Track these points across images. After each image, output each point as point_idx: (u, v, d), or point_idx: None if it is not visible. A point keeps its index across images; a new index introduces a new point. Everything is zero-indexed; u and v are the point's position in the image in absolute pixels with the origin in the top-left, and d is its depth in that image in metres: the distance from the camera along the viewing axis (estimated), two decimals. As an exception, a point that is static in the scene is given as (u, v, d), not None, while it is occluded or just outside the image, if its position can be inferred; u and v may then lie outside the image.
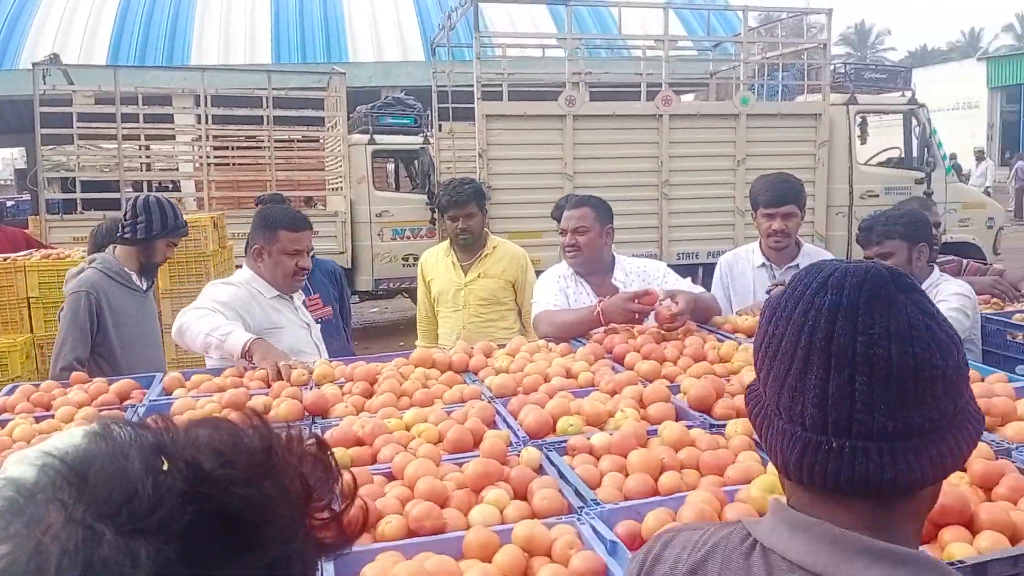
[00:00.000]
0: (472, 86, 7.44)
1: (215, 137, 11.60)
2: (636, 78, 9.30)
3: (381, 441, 2.01)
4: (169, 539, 0.57)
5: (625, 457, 1.87)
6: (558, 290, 3.37)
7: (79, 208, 10.54)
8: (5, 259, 6.86)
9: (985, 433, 1.94)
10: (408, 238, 10.33)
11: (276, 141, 10.88)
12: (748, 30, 8.99)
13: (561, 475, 1.81)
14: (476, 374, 2.66)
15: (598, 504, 1.65)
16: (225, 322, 2.86)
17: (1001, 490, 1.68)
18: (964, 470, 1.76)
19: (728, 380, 2.44)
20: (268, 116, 10.03)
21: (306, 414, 2.30)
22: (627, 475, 1.81)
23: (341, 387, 2.52)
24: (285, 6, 20.02)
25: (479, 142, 7.41)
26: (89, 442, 0.63)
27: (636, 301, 2.99)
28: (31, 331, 6.16)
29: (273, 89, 9.98)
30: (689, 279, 3.51)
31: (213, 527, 0.59)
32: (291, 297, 3.26)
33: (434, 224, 9.54)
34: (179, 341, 2.99)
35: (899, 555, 0.88)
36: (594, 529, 1.55)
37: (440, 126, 9.18)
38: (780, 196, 3.40)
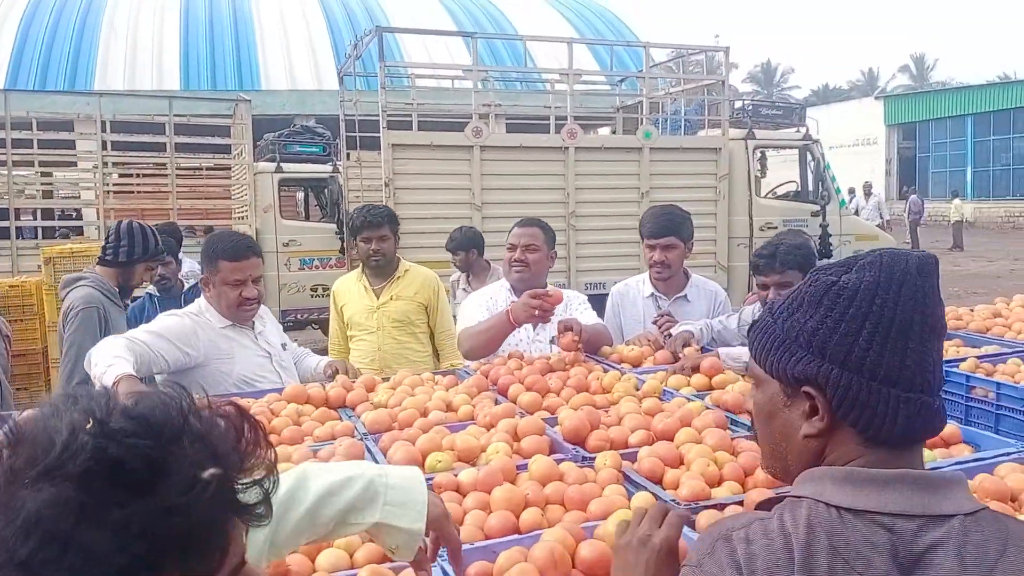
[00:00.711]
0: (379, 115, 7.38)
1: (116, 164, 11.21)
2: (545, 111, 9.42)
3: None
4: (70, 483, 0.70)
5: (490, 494, 1.82)
6: (486, 311, 3.39)
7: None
8: None
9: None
10: (317, 268, 10.14)
11: (183, 169, 10.59)
12: (651, 66, 9.20)
13: (423, 514, 1.75)
14: (353, 409, 2.58)
15: (454, 544, 1.60)
16: (113, 357, 2.67)
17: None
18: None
19: (607, 411, 2.43)
20: (170, 143, 9.75)
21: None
22: (491, 512, 1.76)
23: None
24: (195, 32, 19.63)
25: (385, 172, 7.35)
26: (39, 407, 0.78)
27: (540, 300, 3.02)
28: None
29: (175, 116, 9.71)
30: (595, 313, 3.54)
31: (108, 473, 0.71)
32: (252, 325, 3.15)
33: (343, 254, 9.40)
34: (87, 369, 2.83)
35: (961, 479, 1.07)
36: (444, 572, 1.49)
37: (348, 155, 9.08)
38: (660, 228, 3.45)
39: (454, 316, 3.96)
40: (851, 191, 20.76)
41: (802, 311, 1.12)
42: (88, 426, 0.72)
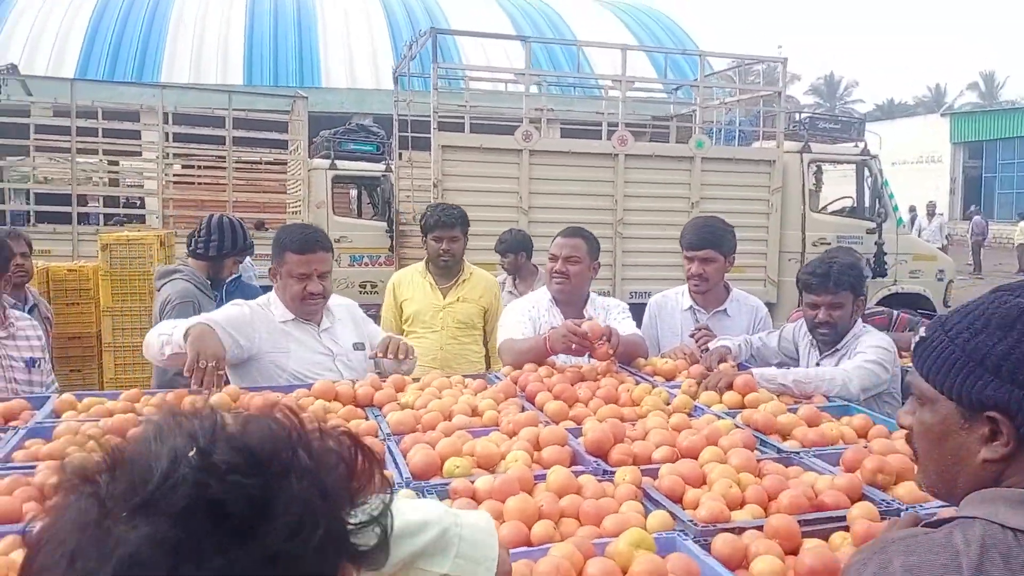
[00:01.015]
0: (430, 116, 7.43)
1: (177, 156, 11.48)
2: (598, 117, 9.38)
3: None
4: (167, 521, 0.63)
5: (504, 503, 1.80)
6: (527, 319, 3.37)
7: (31, 220, 10.35)
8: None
9: (875, 492, 1.91)
10: (366, 264, 10.26)
11: (242, 162, 10.79)
12: (707, 75, 9.09)
13: (435, 520, 1.74)
14: (380, 408, 2.58)
15: (463, 553, 1.58)
16: (173, 327, 2.74)
17: (879, 551, 1.63)
18: (847, 529, 1.73)
19: (633, 425, 2.39)
20: (229, 137, 9.95)
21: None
22: (503, 522, 1.74)
23: (237, 417, 2.43)
24: (259, 28, 20.00)
25: (434, 172, 7.39)
26: (142, 426, 0.72)
27: (576, 336, 2.94)
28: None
29: (234, 110, 9.91)
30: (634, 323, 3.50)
31: (207, 514, 0.64)
32: (318, 321, 3.08)
33: (392, 251, 9.49)
34: (145, 353, 2.90)
35: None
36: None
37: (400, 155, 9.15)
38: (699, 240, 3.40)
39: None
40: (912, 210, 20.24)
41: (987, 333, 1.09)
42: (191, 453, 0.67)
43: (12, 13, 18.27)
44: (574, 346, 2.93)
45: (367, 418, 2.48)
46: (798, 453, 2.19)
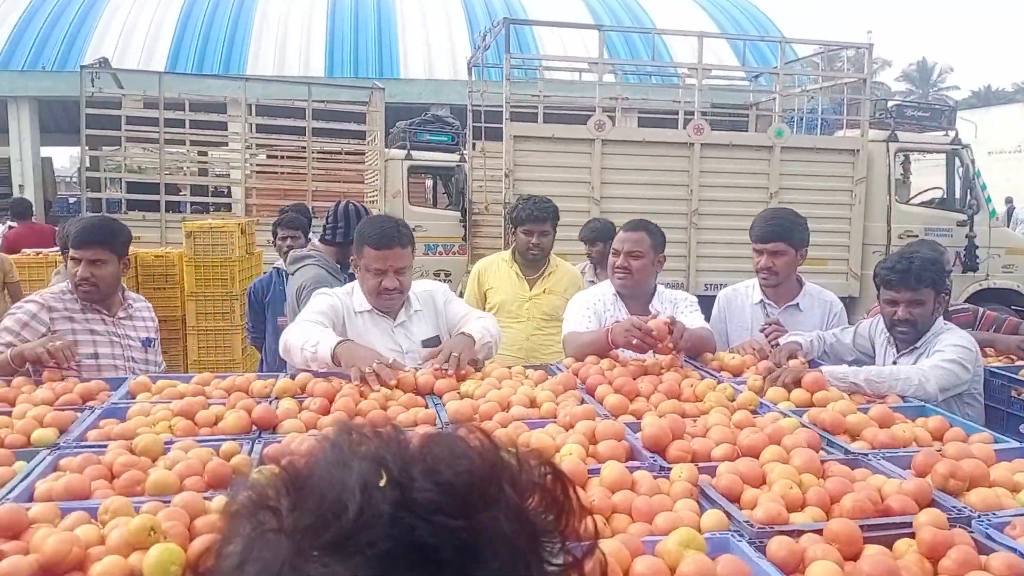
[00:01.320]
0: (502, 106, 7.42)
1: (261, 146, 11.80)
2: (674, 105, 9.21)
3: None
4: (367, 564, 0.56)
5: (555, 496, 1.78)
6: (592, 312, 3.34)
7: (123, 208, 10.79)
8: (38, 253, 7.04)
9: (946, 498, 1.82)
10: (440, 254, 10.36)
11: (322, 152, 11.03)
12: (787, 62, 8.82)
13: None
14: (440, 397, 2.60)
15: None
16: (315, 332, 2.82)
17: (947, 563, 1.55)
18: (913, 536, 1.65)
19: (694, 421, 2.34)
20: (308, 127, 10.18)
21: (254, 428, 2.26)
22: (554, 516, 1.73)
23: (300, 403, 2.48)
24: (341, 21, 20.35)
25: (505, 163, 7.39)
26: (318, 446, 0.65)
27: (640, 333, 2.87)
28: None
29: (314, 101, 10.12)
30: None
31: (413, 559, 0.57)
32: (394, 315, 3.08)
33: (466, 241, 9.55)
34: (283, 355, 2.99)
35: None
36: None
37: (474, 145, 9.19)
38: (768, 232, 3.29)
39: None
40: (1009, 201, 19.26)
41: None
42: (381, 483, 0.60)
43: (106, 10, 19.03)
44: (635, 342, 2.87)
45: (427, 406, 2.50)
46: (866, 455, 2.11)
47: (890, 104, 9.02)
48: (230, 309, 6.86)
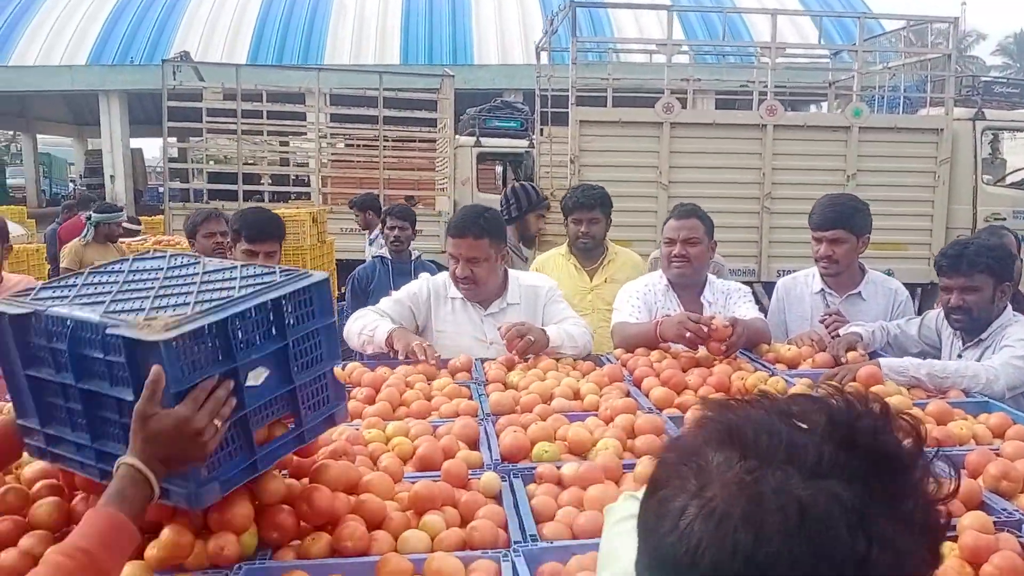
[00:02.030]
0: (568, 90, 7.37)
1: (336, 135, 12.02)
2: (749, 86, 8.99)
3: (354, 452, 1.99)
4: (850, 480, 0.68)
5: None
6: (641, 302, 3.28)
7: (205, 198, 11.16)
8: (124, 242, 7.35)
9: (996, 499, 1.73)
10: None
11: (396, 140, 11.18)
12: (865, 39, 8.47)
13: (516, 505, 1.74)
14: (485, 387, 2.61)
15: (535, 541, 1.58)
16: (375, 319, 2.99)
17: (989, 568, 1.48)
18: (955, 539, 1.58)
19: (740, 415, 2.28)
20: (380, 116, 10.31)
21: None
22: (583, 510, 1.72)
23: (348, 392, 2.53)
24: (416, 8, 20.52)
25: (571, 148, 7.34)
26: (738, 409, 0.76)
27: (696, 327, 2.80)
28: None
29: (385, 90, 10.24)
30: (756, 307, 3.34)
31: (877, 467, 0.70)
32: (486, 305, 3.11)
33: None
34: (347, 343, 3.09)
35: None
36: (515, 568, 1.47)
37: (541, 130, 9.16)
38: (827, 219, 3.17)
39: None
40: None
41: None
42: (805, 427, 0.72)
43: (191, 4, 19.68)
44: (688, 335, 2.81)
45: (471, 397, 2.51)
46: (917, 453, 2.02)
47: (978, 81, 8.58)
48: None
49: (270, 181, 13.51)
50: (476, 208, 3.27)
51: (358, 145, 12.22)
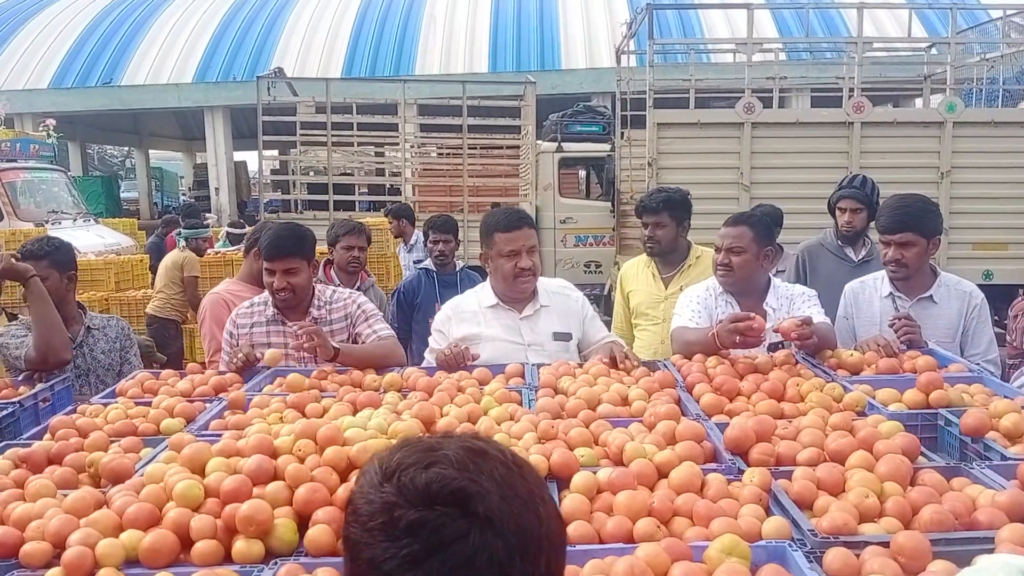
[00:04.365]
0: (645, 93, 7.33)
1: (424, 145, 12.27)
2: (837, 83, 8.73)
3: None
4: None
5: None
6: (701, 307, 3.24)
7: (299, 208, 11.58)
8: (216, 253, 7.72)
9: None
10: (591, 245, 10.39)
11: (482, 148, 11.33)
12: (959, 31, 8.09)
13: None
14: (536, 392, 2.64)
15: (559, 543, 1.60)
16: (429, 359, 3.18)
17: None
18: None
19: (789, 422, 2.25)
20: (464, 124, 10.48)
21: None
22: (612, 515, 1.74)
23: (404, 396, 2.61)
24: (504, 16, 20.68)
25: (649, 151, 7.29)
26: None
27: (745, 324, 2.79)
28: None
29: (468, 98, 10.40)
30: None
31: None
32: (521, 308, 3.17)
33: (615, 231, 9.52)
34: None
35: None
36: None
37: (622, 134, 9.12)
38: (895, 222, 3.05)
39: None
40: None
41: None
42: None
43: (288, 22, 20.45)
44: (739, 339, 2.78)
45: (521, 403, 2.55)
46: (969, 464, 1.95)
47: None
48: (385, 305, 7.21)
49: (366, 191, 13.93)
50: (506, 207, 3.41)
51: (447, 154, 12.45)
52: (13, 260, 3.11)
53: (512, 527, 0.88)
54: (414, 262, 7.12)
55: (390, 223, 7.54)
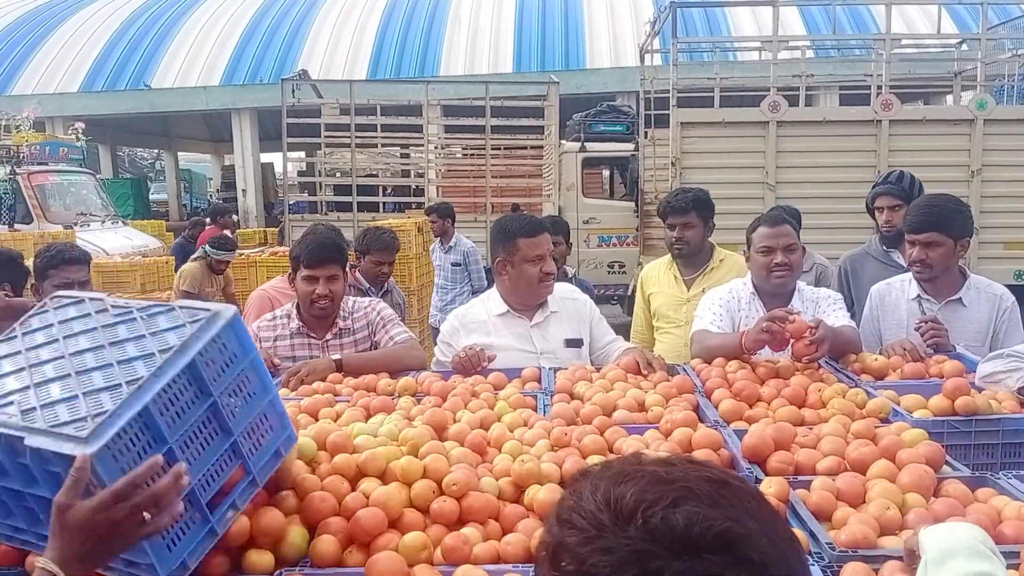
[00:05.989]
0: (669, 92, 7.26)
1: (448, 145, 12.28)
2: (866, 80, 8.60)
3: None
4: None
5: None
6: (724, 310, 3.19)
7: (323, 209, 11.63)
8: (241, 254, 7.78)
9: None
10: (614, 245, 10.33)
11: (505, 148, 11.32)
12: (989, 27, 7.93)
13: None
14: (551, 397, 2.61)
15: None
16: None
17: None
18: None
19: (810, 429, 2.19)
20: (487, 125, 10.45)
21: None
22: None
23: (418, 401, 2.59)
24: (528, 16, 20.65)
25: (672, 150, 7.23)
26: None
27: (778, 326, 2.73)
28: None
29: (491, 99, 10.38)
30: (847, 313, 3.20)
31: None
32: (531, 315, 3.16)
33: (639, 232, 9.46)
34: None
35: None
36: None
37: (646, 133, 9.06)
38: (921, 222, 2.97)
39: None
40: None
41: None
42: None
43: (314, 25, 20.58)
44: (767, 336, 2.72)
45: (536, 408, 2.52)
46: (996, 474, 1.89)
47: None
48: (408, 305, 7.20)
49: (390, 192, 13.97)
50: (519, 213, 3.36)
51: (471, 154, 12.44)
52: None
53: (783, 573, 0.77)
54: (452, 264, 7.06)
55: (432, 222, 7.48)
